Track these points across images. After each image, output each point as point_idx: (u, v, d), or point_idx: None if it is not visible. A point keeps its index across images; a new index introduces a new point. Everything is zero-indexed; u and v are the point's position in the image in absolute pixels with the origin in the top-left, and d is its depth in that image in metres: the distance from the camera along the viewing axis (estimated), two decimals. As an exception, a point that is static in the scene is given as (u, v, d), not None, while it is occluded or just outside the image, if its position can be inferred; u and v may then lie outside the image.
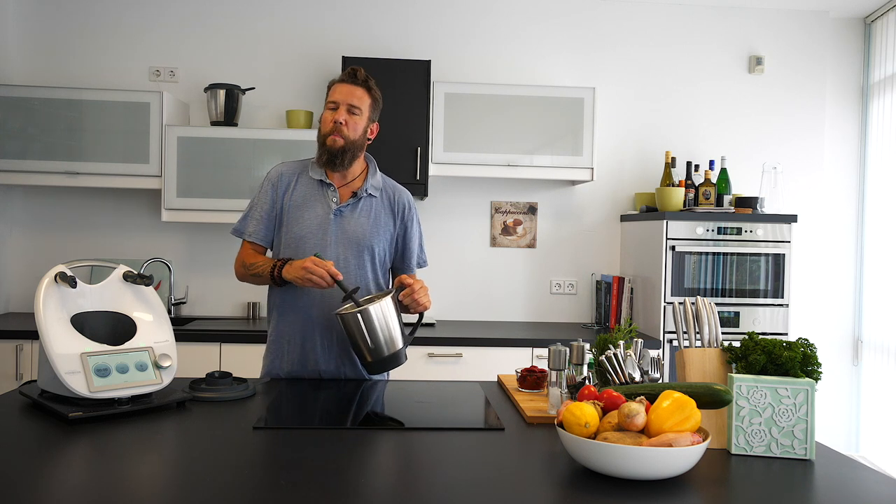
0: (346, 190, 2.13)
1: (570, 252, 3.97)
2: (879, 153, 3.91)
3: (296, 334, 2.09)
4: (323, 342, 2.08)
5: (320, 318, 2.06)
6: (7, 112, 3.38)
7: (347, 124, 2.05)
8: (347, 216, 2.09)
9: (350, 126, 2.06)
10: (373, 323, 1.91)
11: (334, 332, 2.07)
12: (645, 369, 1.65)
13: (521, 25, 3.92)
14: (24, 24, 3.73)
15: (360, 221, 2.10)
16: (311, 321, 2.07)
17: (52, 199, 3.75)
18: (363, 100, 2.08)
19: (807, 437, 1.44)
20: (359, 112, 2.07)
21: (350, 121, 2.06)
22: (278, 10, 3.83)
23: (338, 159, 2.07)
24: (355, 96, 2.07)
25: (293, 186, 2.12)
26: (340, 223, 2.08)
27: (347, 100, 2.06)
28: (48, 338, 1.61)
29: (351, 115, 2.06)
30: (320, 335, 2.08)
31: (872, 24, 4.02)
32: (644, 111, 3.96)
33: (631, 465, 1.24)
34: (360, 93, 2.08)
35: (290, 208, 2.10)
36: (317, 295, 2.05)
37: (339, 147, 2.05)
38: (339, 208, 2.09)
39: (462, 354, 3.28)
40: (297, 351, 2.09)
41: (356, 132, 2.07)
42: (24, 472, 1.27)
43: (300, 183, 2.12)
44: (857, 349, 4.06)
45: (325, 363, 2.09)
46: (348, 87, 2.07)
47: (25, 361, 3.17)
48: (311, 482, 1.27)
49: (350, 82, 2.08)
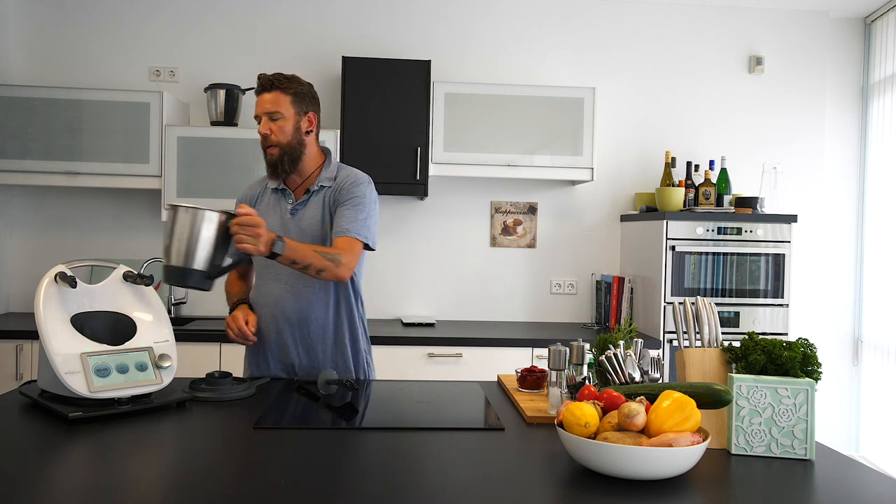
0: (301, 189, 2.16)
1: (570, 252, 3.97)
2: (879, 153, 3.91)
3: (267, 333, 2.14)
4: (293, 336, 2.12)
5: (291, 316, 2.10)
6: (7, 112, 3.37)
7: (273, 132, 2.08)
8: (302, 214, 2.12)
9: (277, 132, 2.08)
10: (177, 226, 1.77)
11: (305, 327, 2.11)
12: (645, 369, 1.65)
13: (521, 25, 3.92)
14: (24, 24, 3.73)
15: (312, 215, 2.11)
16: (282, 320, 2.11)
17: (52, 199, 3.75)
18: (278, 102, 2.08)
19: (807, 437, 1.44)
20: (280, 115, 2.08)
21: (274, 127, 2.08)
22: (278, 11, 3.83)
23: (279, 168, 2.10)
24: (269, 102, 2.08)
25: (258, 200, 2.20)
26: (296, 222, 2.12)
27: (264, 109, 2.09)
28: (48, 338, 1.61)
29: (274, 122, 2.08)
30: (290, 330, 2.11)
31: (872, 24, 4.02)
32: (644, 111, 3.96)
33: (631, 465, 1.23)
34: (273, 97, 2.08)
35: None
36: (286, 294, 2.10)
37: (276, 156, 2.09)
38: (293, 208, 2.12)
39: (462, 354, 3.28)
40: (270, 347, 2.15)
41: (286, 135, 2.09)
42: (24, 472, 1.27)
43: (265, 194, 2.20)
44: (857, 349, 4.06)
45: (297, 357, 2.13)
46: (262, 96, 2.10)
47: (25, 361, 3.17)
48: (311, 482, 1.27)
49: (261, 91, 2.10)
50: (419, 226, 3.90)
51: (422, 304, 3.91)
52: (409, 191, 3.51)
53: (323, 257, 1.95)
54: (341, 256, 1.98)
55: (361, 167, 3.45)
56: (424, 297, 3.91)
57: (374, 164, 3.48)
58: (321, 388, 1.90)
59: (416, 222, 3.89)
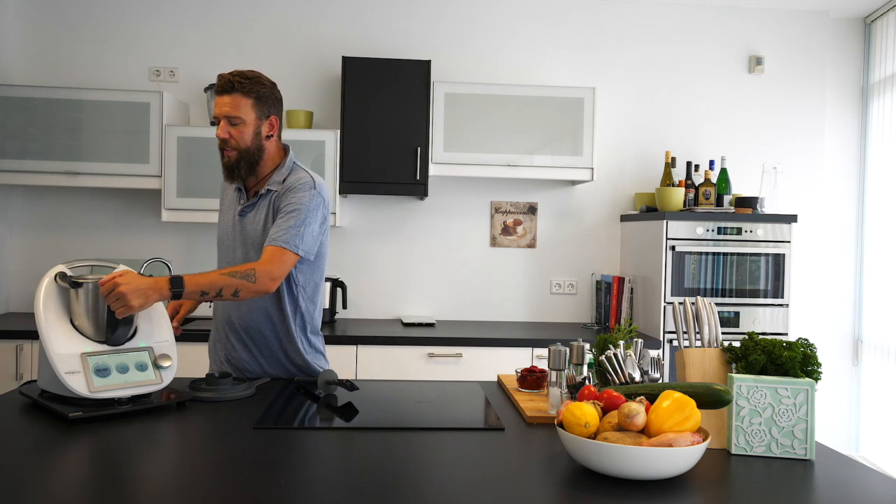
0: (252, 192, 2.13)
1: (570, 252, 3.97)
2: (879, 153, 3.91)
3: (220, 338, 2.17)
4: (241, 342, 2.13)
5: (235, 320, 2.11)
6: (7, 112, 3.37)
7: (232, 136, 2.01)
8: (248, 217, 2.10)
9: (236, 137, 2.01)
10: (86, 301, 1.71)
11: (250, 334, 2.11)
12: (645, 369, 1.65)
13: (521, 25, 3.92)
14: (24, 24, 3.73)
15: (257, 220, 2.08)
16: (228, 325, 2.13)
17: (52, 199, 3.75)
18: (240, 105, 1.99)
19: (807, 437, 1.44)
20: (239, 120, 1.99)
21: (234, 132, 2.00)
22: (278, 11, 3.83)
23: (235, 172, 2.05)
24: (229, 106, 1.99)
25: (224, 193, 2.22)
26: (242, 224, 2.10)
27: (224, 112, 1.99)
28: (48, 338, 1.61)
29: (233, 126, 2.00)
30: (236, 337, 2.13)
31: (872, 24, 4.02)
32: (644, 111, 3.96)
33: (631, 465, 1.23)
34: (232, 100, 1.99)
35: (218, 215, 2.22)
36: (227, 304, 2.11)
37: (233, 160, 2.04)
38: (242, 210, 2.10)
39: (462, 354, 3.28)
40: (223, 353, 2.17)
41: (245, 140, 2.02)
42: (24, 472, 1.27)
43: (229, 190, 2.20)
44: (857, 349, 4.06)
45: (248, 363, 2.14)
46: (222, 98, 1.99)
47: (25, 361, 3.17)
48: (311, 482, 1.27)
49: (222, 93, 2.00)
50: (419, 226, 3.90)
51: (422, 304, 3.91)
52: (409, 191, 3.51)
53: (233, 277, 1.86)
54: (255, 272, 1.88)
55: (361, 167, 3.48)
56: (424, 297, 3.91)
57: (374, 164, 3.48)
58: (321, 388, 1.90)
59: (416, 222, 3.89)
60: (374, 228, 3.87)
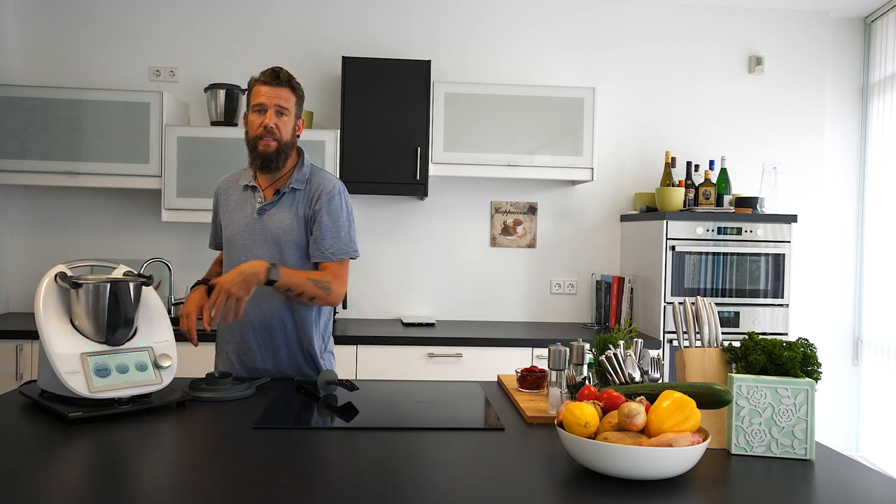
0: (271, 189, 2.14)
1: (570, 252, 3.97)
2: (879, 153, 3.91)
3: (232, 336, 2.15)
4: (257, 340, 2.12)
5: (253, 318, 2.10)
6: (7, 112, 3.37)
7: (278, 127, 2.04)
8: (270, 214, 2.10)
9: (280, 128, 2.05)
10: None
11: (268, 331, 2.11)
12: (645, 369, 1.65)
13: (521, 25, 3.92)
14: (24, 24, 3.73)
15: (281, 218, 2.09)
16: (245, 323, 2.11)
17: (52, 199, 3.75)
18: (289, 100, 2.06)
19: (807, 437, 1.44)
20: (287, 113, 2.06)
21: (280, 122, 2.05)
22: (278, 10, 3.83)
23: (272, 163, 2.07)
24: (282, 97, 2.04)
25: (228, 195, 2.19)
26: (264, 222, 2.10)
27: (275, 102, 2.04)
28: (48, 338, 1.61)
29: (280, 117, 2.05)
30: (253, 334, 2.12)
31: (872, 24, 4.02)
32: (644, 111, 3.96)
33: (631, 465, 1.23)
34: (285, 94, 2.06)
35: (224, 215, 2.19)
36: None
37: (272, 151, 2.05)
38: (261, 207, 2.10)
39: (462, 354, 3.28)
40: (234, 351, 2.15)
41: (286, 133, 2.07)
42: (24, 472, 1.27)
43: (235, 189, 2.19)
44: (857, 349, 4.06)
45: (262, 361, 2.13)
46: (273, 88, 2.05)
47: (25, 361, 3.17)
48: (311, 482, 1.27)
49: (275, 84, 2.05)
50: (419, 226, 3.90)
51: (422, 304, 3.91)
52: (409, 191, 3.51)
53: (315, 286, 2.01)
54: (331, 285, 2.04)
55: (361, 167, 3.48)
56: (424, 297, 3.91)
57: (374, 164, 3.48)
58: (321, 388, 1.90)
59: (416, 222, 3.89)
60: (374, 228, 3.87)
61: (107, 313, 1.68)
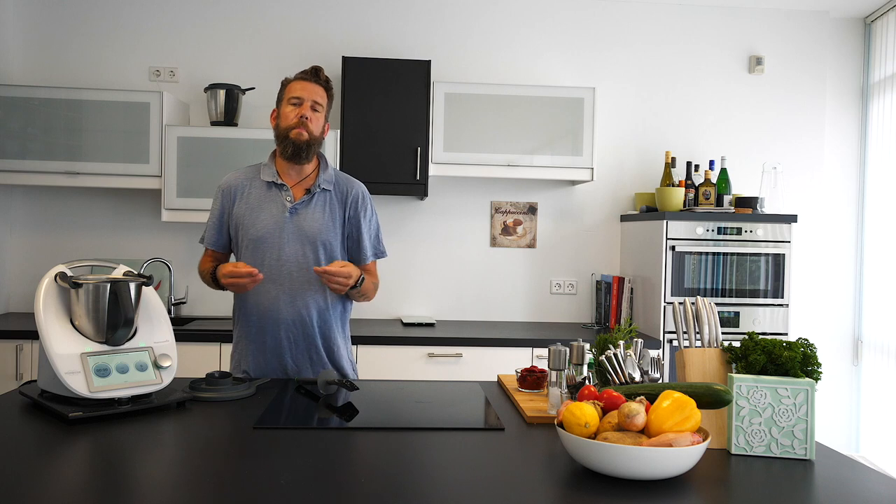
0: (299, 188, 2.16)
1: (570, 252, 3.97)
2: (879, 153, 3.91)
3: (261, 334, 2.14)
4: (288, 338, 2.13)
5: (286, 316, 2.11)
6: (7, 112, 3.37)
7: (312, 120, 2.10)
8: (302, 213, 2.12)
9: (314, 122, 2.11)
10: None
11: (300, 329, 2.12)
12: (645, 369, 1.65)
13: (521, 25, 3.92)
14: (24, 24, 3.73)
15: (314, 217, 2.12)
16: (277, 320, 2.11)
17: (52, 199, 3.75)
18: (324, 99, 2.15)
19: (807, 437, 1.44)
20: (321, 109, 2.14)
21: (314, 117, 2.11)
22: (278, 11, 3.83)
23: (303, 152, 2.10)
24: (318, 94, 2.13)
25: (246, 193, 2.16)
26: (296, 221, 2.11)
27: (311, 97, 2.11)
28: (48, 338, 1.61)
29: (314, 112, 2.11)
30: (285, 333, 2.12)
31: (872, 24, 4.02)
32: (644, 111, 3.96)
33: (631, 465, 1.23)
34: (322, 92, 2.14)
35: (245, 214, 2.14)
36: (281, 295, 2.10)
37: (304, 140, 2.09)
38: (293, 206, 2.11)
39: (462, 354, 3.28)
40: (263, 350, 2.14)
41: (318, 128, 2.13)
42: (24, 472, 1.27)
43: (253, 187, 2.17)
44: (857, 349, 4.06)
45: (292, 361, 2.14)
46: (312, 85, 2.12)
47: (25, 361, 3.17)
48: (311, 482, 1.27)
49: (314, 81, 2.13)
50: (419, 226, 3.90)
51: (422, 304, 3.91)
52: (409, 191, 3.51)
53: (374, 287, 2.21)
54: (377, 284, 2.25)
55: (361, 167, 3.48)
56: (424, 297, 3.91)
57: (374, 164, 3.48)
58: (321, 388, 1.90)
59: (416, 222, 3.89)
60: (374, 228, 3.86)
61: (107, 313, 1.68)
